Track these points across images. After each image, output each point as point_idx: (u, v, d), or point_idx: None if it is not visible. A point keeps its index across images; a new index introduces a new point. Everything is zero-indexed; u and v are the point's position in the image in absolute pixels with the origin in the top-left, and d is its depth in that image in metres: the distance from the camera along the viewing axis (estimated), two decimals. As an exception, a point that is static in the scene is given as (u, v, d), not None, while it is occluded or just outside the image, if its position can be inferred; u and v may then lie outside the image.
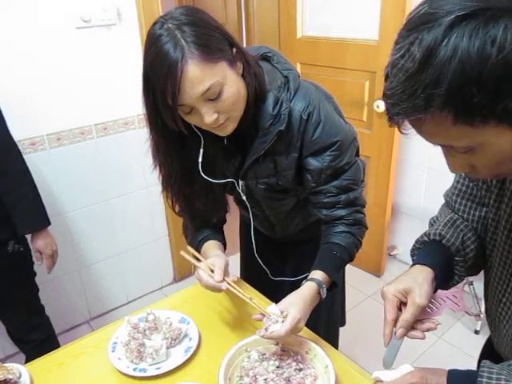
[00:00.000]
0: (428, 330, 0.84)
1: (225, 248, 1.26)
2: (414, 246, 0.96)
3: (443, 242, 0.89)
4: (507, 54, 0.48)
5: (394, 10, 2.15)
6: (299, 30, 2.66)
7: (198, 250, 1.22)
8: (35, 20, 1.91)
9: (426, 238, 0.92)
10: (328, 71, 2.55)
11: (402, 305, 0.84)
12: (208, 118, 0.94)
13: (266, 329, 0.98)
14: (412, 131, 0.60)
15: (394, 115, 0.58)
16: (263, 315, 1.01)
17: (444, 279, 0.88)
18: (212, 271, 1.07)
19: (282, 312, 0.99)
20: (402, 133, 0.62)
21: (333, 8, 2.46)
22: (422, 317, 0.84)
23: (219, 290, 1.07)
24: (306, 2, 2.58)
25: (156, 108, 0.95)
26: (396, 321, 0.82)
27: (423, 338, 0.84)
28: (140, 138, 2.32)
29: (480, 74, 0.49)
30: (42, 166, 2.07)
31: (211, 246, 1.20)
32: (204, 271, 1.07)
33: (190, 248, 1.18)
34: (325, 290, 1.06)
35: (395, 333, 0.81)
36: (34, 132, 2.05)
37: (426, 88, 0.52)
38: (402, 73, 0.54)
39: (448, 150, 0.63)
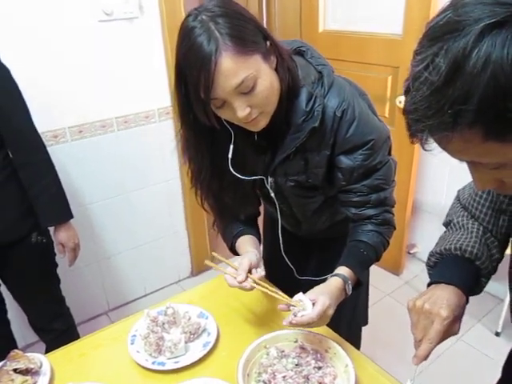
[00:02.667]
0: None
1: (259, 241, 1.24)
2: (441, 251, 0.92)
3: (477, 263, 0.87)
4: None
5: (419, 3, 2.10)
6: (321, 23, 2.63)
7: (233, 245, 1.21)
8: (58, 13, 1.92)
9: (458, 253, 0.89)
10: (350, 66, 2.51)
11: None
12: (241, 112, 0.92)
13: (295, 314, 0.95)
14: (436, 148, 0.56)
15: (417, 132, 0.54)
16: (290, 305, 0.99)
17: None
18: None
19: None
20: (425, 149, 0.57)
21: (355, 1, 2.42)
22: None
23: (246, 289, 1.05)
24: (328, -4, 2.54)
25: (188, 102, 0.94)
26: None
27: None
28: (160, 132, 2.34)
29: None
30: (63, 158, 2.09)
31: (243, 242, 1.19)
32: (230, 274, 1.06)
33: (214, 253, 1.17)
34: (350, 286, 1.04)
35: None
36: (56, 125, 2.07)
37: (454, 103, 0.47)
38: (426, 86, 0.49)
39: (475, 166, 0.58)
